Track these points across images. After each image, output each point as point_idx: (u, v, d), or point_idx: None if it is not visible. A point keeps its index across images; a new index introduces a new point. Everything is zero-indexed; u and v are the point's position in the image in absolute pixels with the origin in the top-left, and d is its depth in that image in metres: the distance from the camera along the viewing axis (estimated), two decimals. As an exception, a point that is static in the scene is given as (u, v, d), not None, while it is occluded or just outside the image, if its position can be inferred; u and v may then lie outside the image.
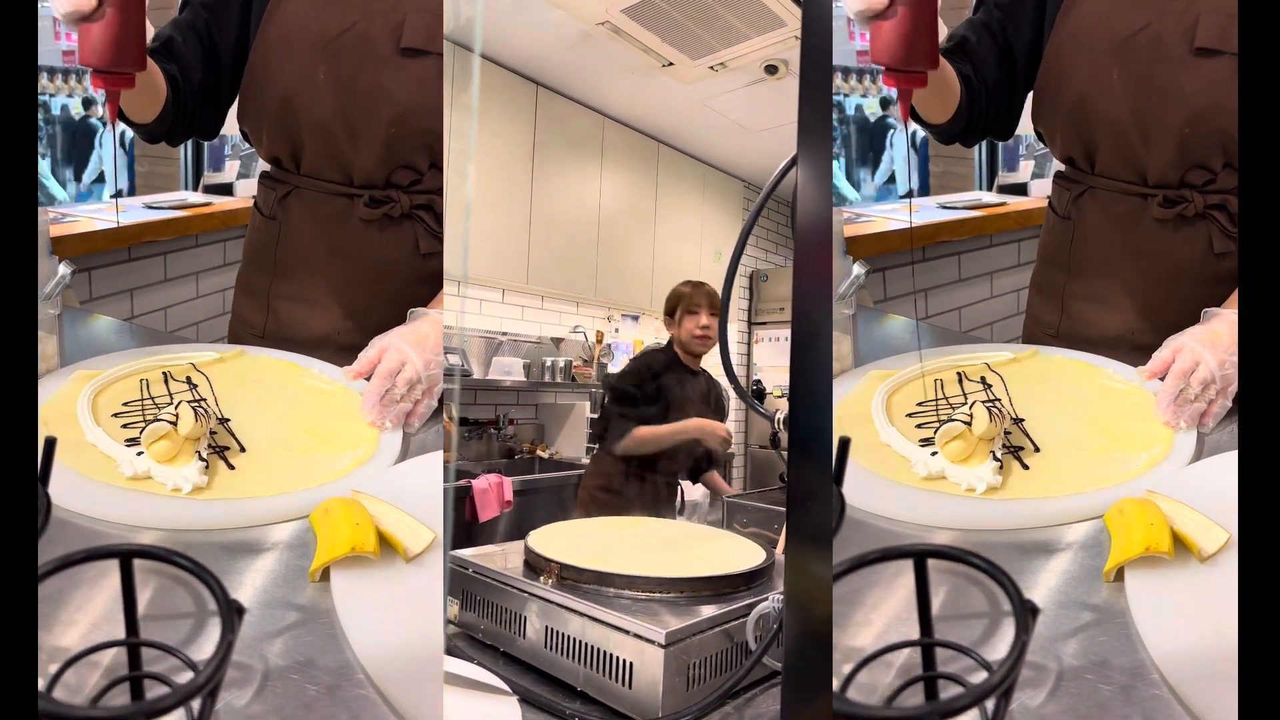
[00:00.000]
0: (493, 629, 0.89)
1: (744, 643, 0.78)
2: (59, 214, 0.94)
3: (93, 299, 0.95)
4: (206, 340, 1.00)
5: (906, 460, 0.82)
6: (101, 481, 0.77)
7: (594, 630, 0.78)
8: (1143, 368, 0.87)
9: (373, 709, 0.60)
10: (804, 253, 0.70)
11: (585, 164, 4.00)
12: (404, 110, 0.98)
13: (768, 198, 0.84)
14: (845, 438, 0.69)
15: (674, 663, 0.73)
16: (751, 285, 5.35)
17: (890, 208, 0.96)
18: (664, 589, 0.83)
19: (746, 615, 0.77)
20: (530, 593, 0.85)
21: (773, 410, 0.78)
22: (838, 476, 0.68)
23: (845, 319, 0.92)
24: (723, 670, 0.79)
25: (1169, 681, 0.59)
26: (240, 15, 1.02)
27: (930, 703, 0.60)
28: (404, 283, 1.02)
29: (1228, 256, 0.95)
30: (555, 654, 0.82)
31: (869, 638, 0.65)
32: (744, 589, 0.86)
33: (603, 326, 4.49)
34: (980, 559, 0.61)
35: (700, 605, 0.80)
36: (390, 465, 0.83)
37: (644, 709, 0.73)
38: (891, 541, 0.69)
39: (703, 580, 0.84)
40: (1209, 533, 0.67)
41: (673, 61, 3.40)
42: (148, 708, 0.48)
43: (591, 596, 0.81)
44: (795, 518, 0.68)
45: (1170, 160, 0.93)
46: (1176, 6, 0.92)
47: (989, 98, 0.99)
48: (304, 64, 0.99)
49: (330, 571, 0.68)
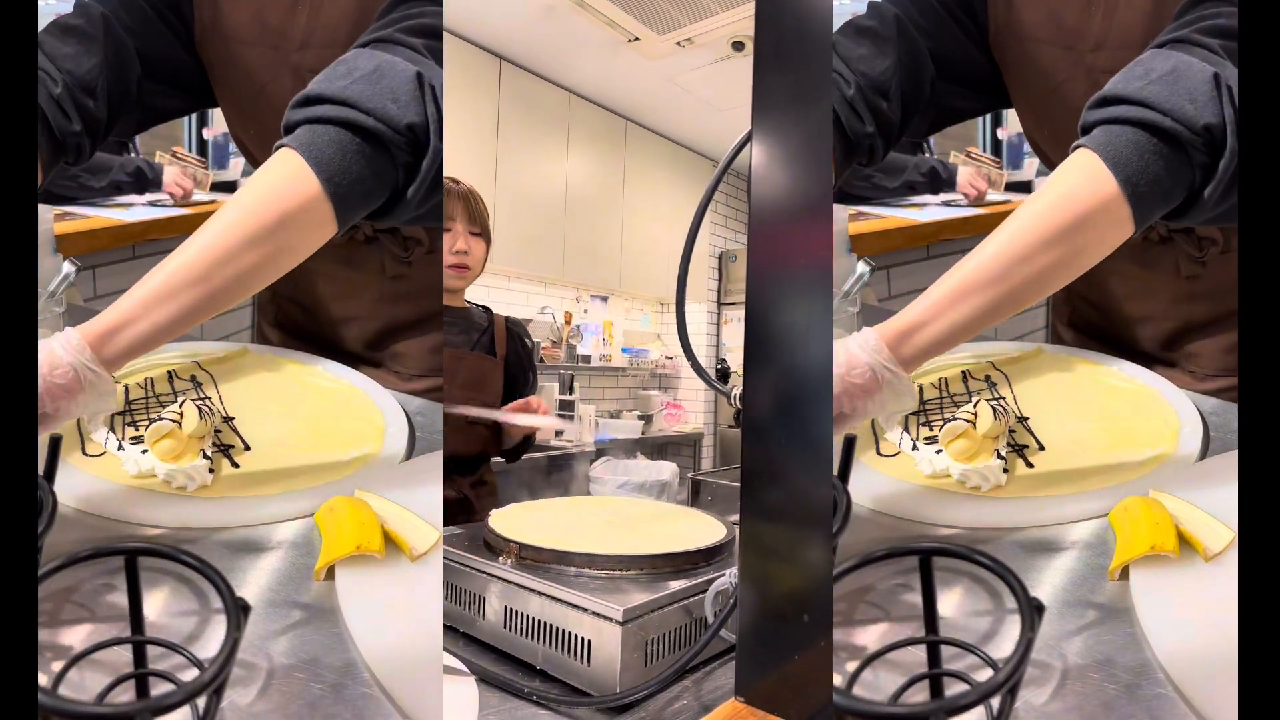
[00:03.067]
0: (453, 610, 0.90)
1: (703, 618, 0.78)
2: (63, 211, 0.94)
3: (97, 297, 0.95)
4: (211, 338, 1.00)
5: (911, 458, 0.82)
6: (106, 479, 0.77)
7: (553, 609, 0.79)
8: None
9: (377, 707, 0.60)
10: (758, 230, 0.70)
11: (551, 142, 3.94)
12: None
13: (723, 173, 0.83)
14: (850, 435, 0.69)
15: (631, 639, 0.73)
16: (720, 266, 5.36)
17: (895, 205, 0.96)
18: (624, 566, 0.83)
19: (705, 591, 0.77)
20: (490, 574, 0.85)
21: (730, 387, 0.79)
22: (843, 474, 0.68)
23: (850, 317, 0.92)
24: (681, 646, 0.79)
25: (1174, 680, 0.59)
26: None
27: (935, 700, 0.60)
28: (375, 301, 1.02)
29: (1196, 280, 0.94)
30: (514, 634, 0.83)
31: (873, 635, 0.65)
32: (703, 565, 0.87)
33: (571, 307, 4.46)
34: (985, 557, 0.61)
35: (660, 582, 0.81)
36: (395, 464, 0.83)
37: (602, 685, 0.74)
38: (896, 540, 0.69)
39: (662, 557, 0.85)
40: (1214, 532, 0.67)
41: (639, 36, 3.35)
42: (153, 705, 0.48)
43: (551, 576, 0.81)
44: (749, 493, 0.69)
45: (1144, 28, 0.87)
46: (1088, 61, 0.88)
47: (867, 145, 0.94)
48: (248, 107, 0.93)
49: (335, 570, 0.68)
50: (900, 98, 0.93)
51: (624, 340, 4.85)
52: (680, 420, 5.00)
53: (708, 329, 5.34)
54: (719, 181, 0.85)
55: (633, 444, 4.23)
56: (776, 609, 0.67)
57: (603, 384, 4.78)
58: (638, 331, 5.05)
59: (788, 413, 0.68)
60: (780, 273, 0.69)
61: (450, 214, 1.49)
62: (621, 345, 4.80)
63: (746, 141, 0.73)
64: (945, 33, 0.95)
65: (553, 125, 3.94)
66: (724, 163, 0.81)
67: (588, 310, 4.63)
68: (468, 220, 1.52)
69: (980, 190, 0.97)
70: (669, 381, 5.28)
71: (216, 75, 0.98)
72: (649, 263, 4.59)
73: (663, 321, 5.29)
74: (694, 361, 0.84)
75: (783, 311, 0.68)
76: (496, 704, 0.74)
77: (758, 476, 0.69)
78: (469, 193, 1.54)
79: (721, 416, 5.21)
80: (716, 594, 0.76)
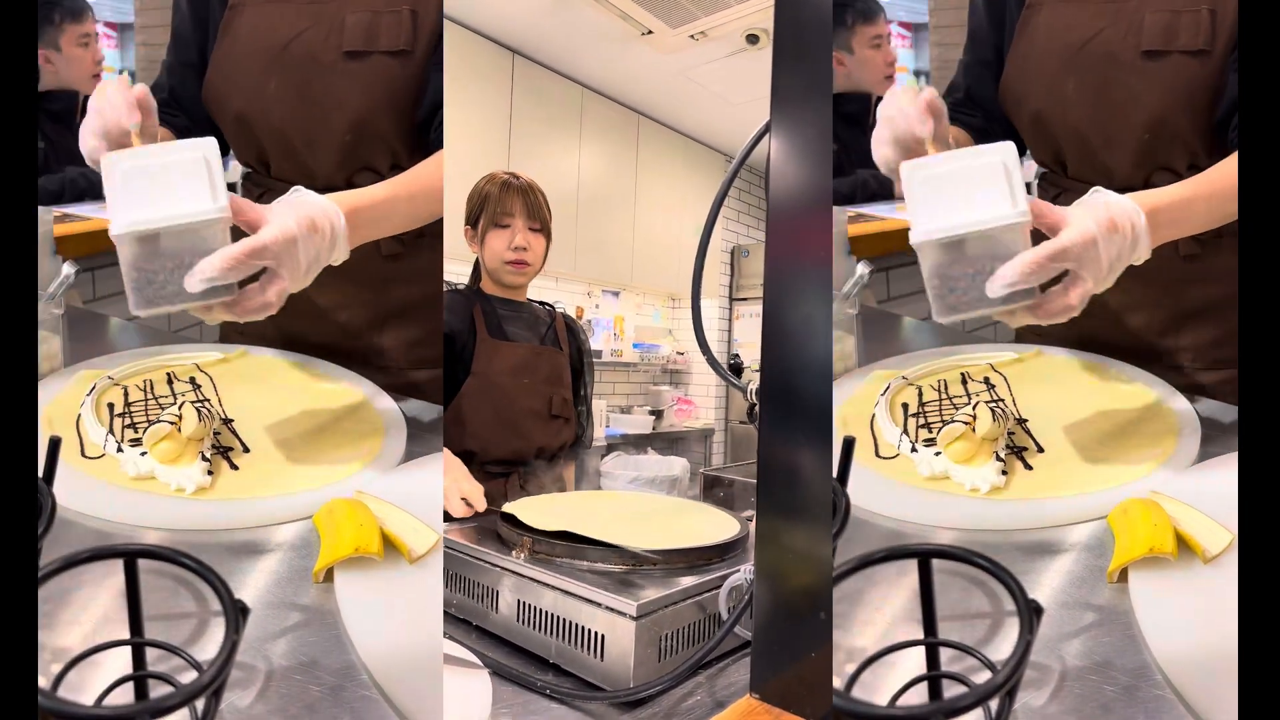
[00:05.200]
0: (465, 603, 0.90)
1: (716, 614, 0.78)
2: (63, 213, 0.94)
3: (96, 299, 0.95)
4: (209, 341, 1.00)
5: (910, 460, 0.82)
6: (105, 482, 0.77)
7: (566, 603, 0.78)
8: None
9: (376, 710, 0.60)
10: (776, 223, 0.70)
11: (564, 135, 3.92)
12: (359, 115, 0.97)
13: (740, 165, 0.82)
14: (849, 438, 0.69)
15: (645, 634, 0.73)
16: (733, 261, 5.34)
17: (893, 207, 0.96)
18: (637, 561, 0.83)
19: (719, 587, 0.77)
20: (503, 567, 0.85)
21: (746, 382, 0.78)
22: (842, 476, 0.68)
23: (849, 318, 0.92)
24: (695, 641, 0.79)
25: (1172, 682, 0.59)
26: (200, 31, 1.00)
27: (934, 702, 0.60)
28: (369, 283, 1.02)
29: (1196, 259, 0.94)
30: (528, 627, 0.83)
31: (872, 637, 0.65)
32: (717, 560, 0.87)
33: (582, 302, 4.44)
34: (984, 559, 0.61)
35: (673, 577, 0.81)
36: (394, 466, 0.83)
37: (615, 680, 0.74)
38: (895, 541, 0.69)
39: (676, 552, 0.85)
40: (1213, 534, 0.67)
41: (652, 30, 3.33)
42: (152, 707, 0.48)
43: (565, 570, 0.81)
44: (766, 490, 0.69)
45: (1134, 164, 0.93)
46: (1127, 8, 0.91)
47: (1005, 130, 0.98)
48: (256, 76, 0.97)
49: (334, 572, 0.68)
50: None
51: (635, 335, 4.84)
52: (691, 416, 5.00)
53: (719, 324, 5.33)
54: (735, 175, 0.85)
55: (643, 439, 4.23)
56: (792, 606, 0.67)
57: (613, 379, 4.77)
58: (649, 326, 5.04)
59: (803, 408, 0.67)
60: (798, 266, 0.69)
61: (509, 209, 1.46)
62: (633, 340, 4.78)
63: (765, 133, 0.72)
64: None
65: (565, 119, 3.93)
66: (741, 155, 0.80)
67: (599, 305, 4.62)
68: (526, 216, 1.48)
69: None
70: (680, 377, 5.27)
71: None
72: (661, 257, 4.58)
73: (674, 317, 5.28)
74: (709, 356, 0.83)
75: (801, 305, 0.68)
76: (510, 697, 0.74)
77: (774, 472, 0.69)
78: (529, 186, 1.50)
79: (733, 412, 5.19)
80: (731, 590, 0.76)
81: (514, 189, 1.48)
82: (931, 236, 0.71)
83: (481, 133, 3.48)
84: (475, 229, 1.50)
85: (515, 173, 1.53)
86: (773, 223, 0.70)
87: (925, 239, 0.71)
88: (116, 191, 0.73)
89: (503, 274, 1.49)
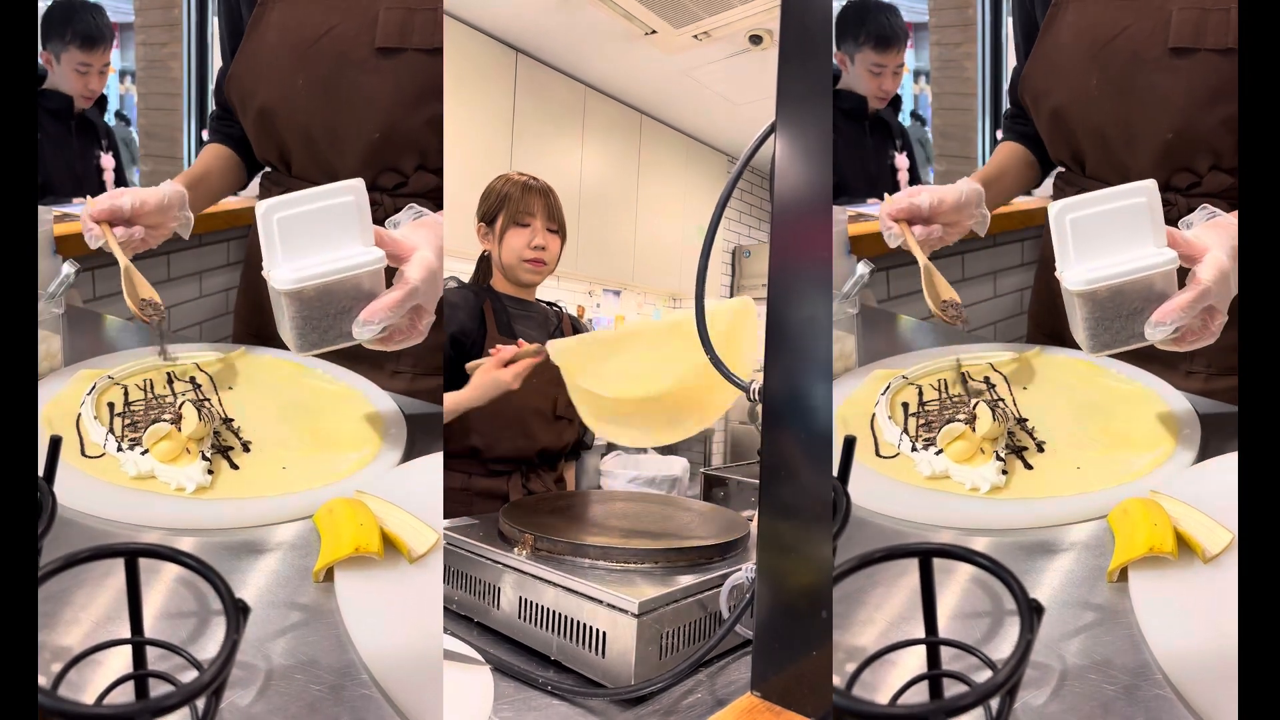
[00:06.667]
0: (467, 600, 0.90)
1: (717, 612, 0.78)
2: (63, 213, 0.94)
3: (96, 298, 0.95)
4: (210, 340, 1.00)
5: (910, 460, 0.82)
6: (105, 481, 0.77)
7: (568, 600, 0.79)
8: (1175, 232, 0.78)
9: (376, 709, 0.60)
10: (781, 223, 0.70)
11: (566, 135, 3.92)
12: (388, 114, 0.96)
13: (745, 165, 0.82)
14: (850, 437, 0.69)
15: (647, 632, 0.73)
16: (734, 261, 5.33)
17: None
18: (638, 559, 0.83)
19: (720, 585, 0.77)
20: (505, 564, 0.85)
21: (748, 382, 0.78)
22: (842, 476, 0.68)
23: (849, 318, 0.92)
24: (696, 640, 0.79)
25: (1172, 682, 0.59)
26: (235, 38, 1.01)
27: (935, 701, 0.60)
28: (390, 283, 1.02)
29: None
30: (529, 624, 0.83)
31: (872, 636, 0.65)
32: (718, 559, 0.87)
33: (584, 301, 4.42)
34: (985, 558, 0.61)
35: (675, 575, 0.81)
36: (394, 465, 0.83)
37: (616, 677, 0.74)
38: (895, 541, 0.69)
39: (677, 551, 0.85)
40: (1213, 533, 0.67)
41: (655, 29, 3.33)
42: (152, 706, 0.48)
43: (566, 567, 0.81)
44: (768, 488, 0.69)
45: (1155, 164, 0.92)
46: (1154, 5, 0.90)
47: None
48: (284, 71, 0.97)
49: (334, 572, 0.68)
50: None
51: (636, 335, 4.83)
52: (692, 415, 4.98)
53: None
54: (740, 174, 0.85)
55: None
56: (793, 604, 0.67)
57: (615, 378, 4.76)
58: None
59: (805, 407, 0.67)
60: (802, 267, 0.69)
61: (529, 210, 1.48)
62: (634, 340, 4.77)
63: (770, 133, 0.72)
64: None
65: (568, 118, 3.93)
66: (746, 155, 0.79)
67: (600, 304, 4.61)
68: (546, 217, 1.50)
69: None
70: (681, 377, 5.26)
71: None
72: (662, 257, 4.58)
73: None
74: (713, 356, 0.83)
75: (804, 305, 0.68)
76: (511, 694, 0.74)
77: (776, 471, 0.69)
78: (547, 189, 1.53)
79: (733, 413, 5.18)
80: (732, 588, 0.76)
81: (534, 190, 1.51)
82: (1093, 286, 0.75)
83: (484, 131, 3.48)
84: (491, 226, 1.52)
85: (533, 175, 1.55)
86: (777, 223, 0.70)
87: (1086, 289, 0.75)
88: (274, 242, 0.76)
89: (520, 271, 1.51)
